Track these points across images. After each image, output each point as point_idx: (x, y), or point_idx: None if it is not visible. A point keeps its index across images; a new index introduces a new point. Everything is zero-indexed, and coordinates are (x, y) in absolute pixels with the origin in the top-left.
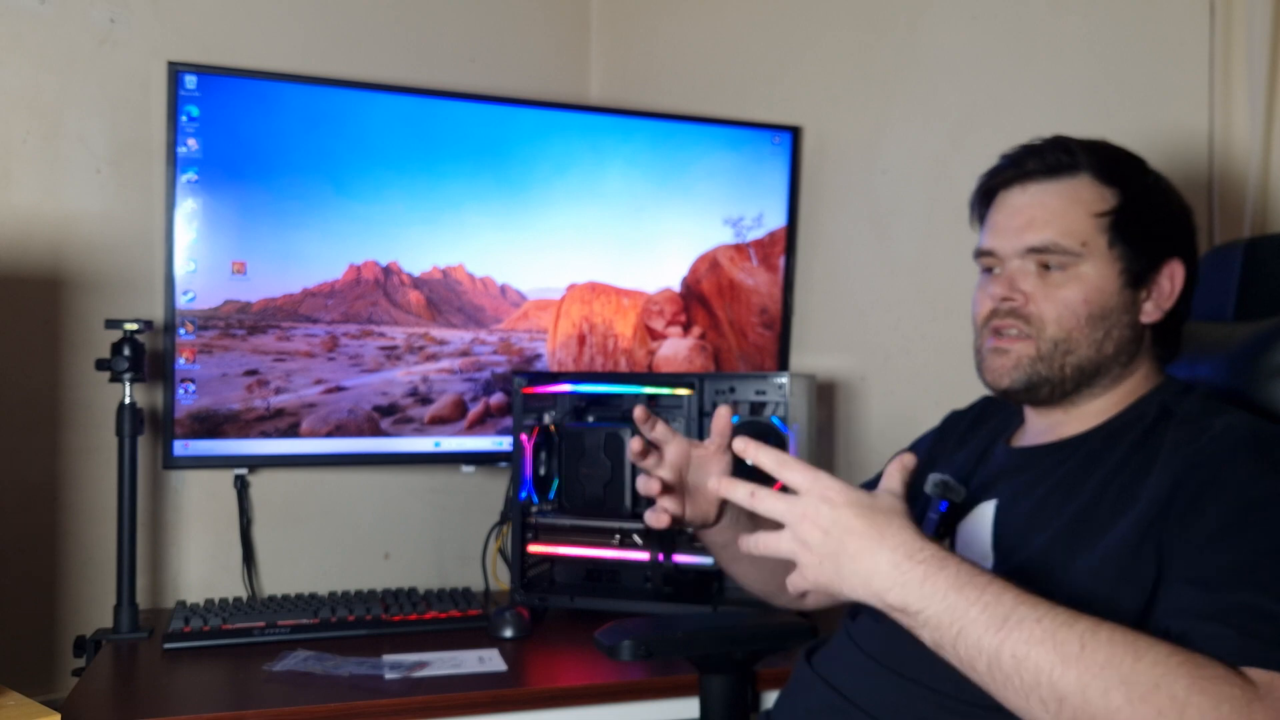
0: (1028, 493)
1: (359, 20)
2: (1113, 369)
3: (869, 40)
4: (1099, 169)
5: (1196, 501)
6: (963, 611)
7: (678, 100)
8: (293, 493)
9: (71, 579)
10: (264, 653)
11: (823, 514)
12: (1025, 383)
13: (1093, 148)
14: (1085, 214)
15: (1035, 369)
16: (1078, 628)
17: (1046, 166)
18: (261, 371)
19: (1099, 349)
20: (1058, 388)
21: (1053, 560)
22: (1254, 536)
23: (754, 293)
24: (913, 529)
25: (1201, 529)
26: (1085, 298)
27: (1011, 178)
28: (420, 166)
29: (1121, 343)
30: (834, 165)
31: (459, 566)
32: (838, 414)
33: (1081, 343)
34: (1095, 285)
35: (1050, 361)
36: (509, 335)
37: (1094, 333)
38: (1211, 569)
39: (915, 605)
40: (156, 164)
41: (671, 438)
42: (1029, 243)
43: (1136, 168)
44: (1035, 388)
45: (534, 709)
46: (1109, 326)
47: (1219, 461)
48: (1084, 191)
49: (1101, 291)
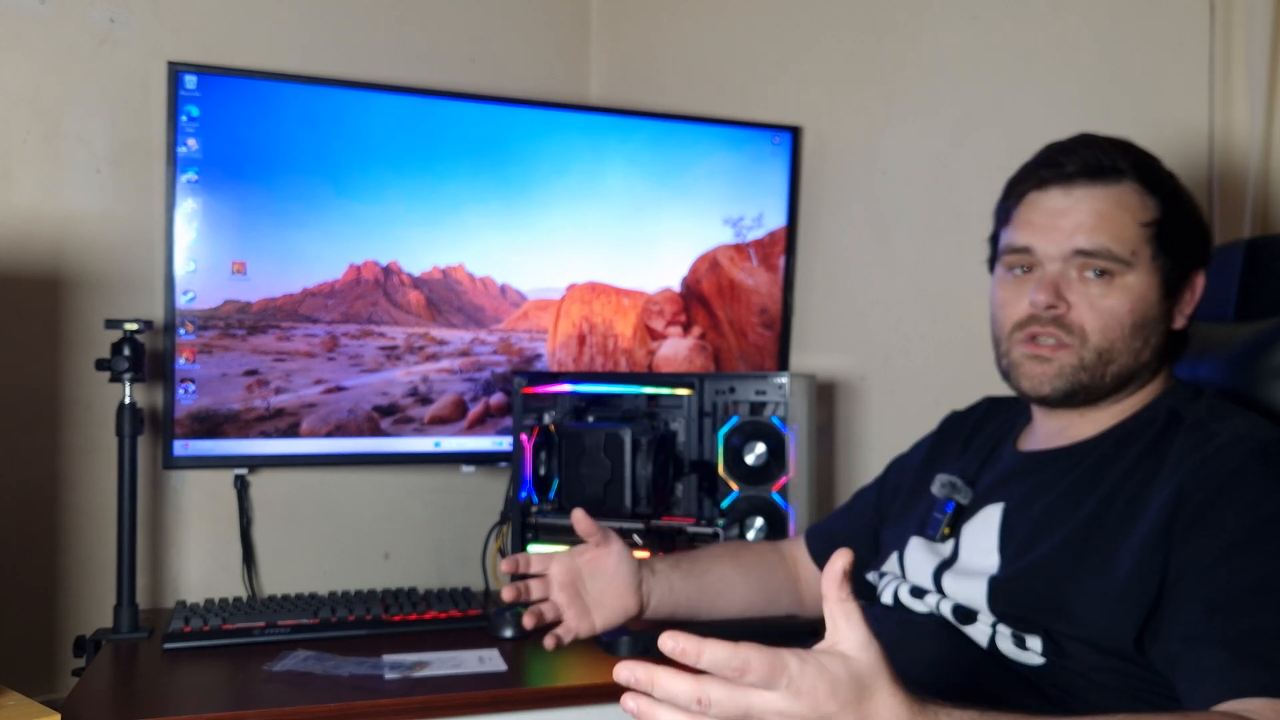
0: (1036, 498)
1: (359, 20)
2: (1144, 375)
3: (869, 40)
4: (1142, 176)
5: (1204, 517)
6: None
7: (678, 100)
8: (293, 493)
9: (71, 579)
10: (264, 653)
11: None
12: (1067, 391)
13: (1128, 150)
14: (1133, 222)
15: (1078, 378)
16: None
17: (1089, 169)
18: (261, 371)
19: (1137, 357)
20: (1095, 394)
21: (1059, 568)
22: (1266, 556)
23: (754, 293)
24: (899, 696)
25: (1212, 547)
26: (1130, 308)
27: (1050, 178)
28: (420, 166)
29: (1156, 350)
30: (834, 165)
31: (459, 566)
32: (837, 414)
33: (1123, 352)
34: (1140, 295)
35: (1093, 371)
36: (509, 335)
37: (1134, 342)
38: (1225, 591)
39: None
40: (156, 164)
41: (549, 564)
42: (1079, 245)
43: (1170, 175)
44: (1074, 395)
45: (534, 709)
46: (1148, 335)
47: (1226, 475)
48: (1130, 199)
49: (1145, 301)
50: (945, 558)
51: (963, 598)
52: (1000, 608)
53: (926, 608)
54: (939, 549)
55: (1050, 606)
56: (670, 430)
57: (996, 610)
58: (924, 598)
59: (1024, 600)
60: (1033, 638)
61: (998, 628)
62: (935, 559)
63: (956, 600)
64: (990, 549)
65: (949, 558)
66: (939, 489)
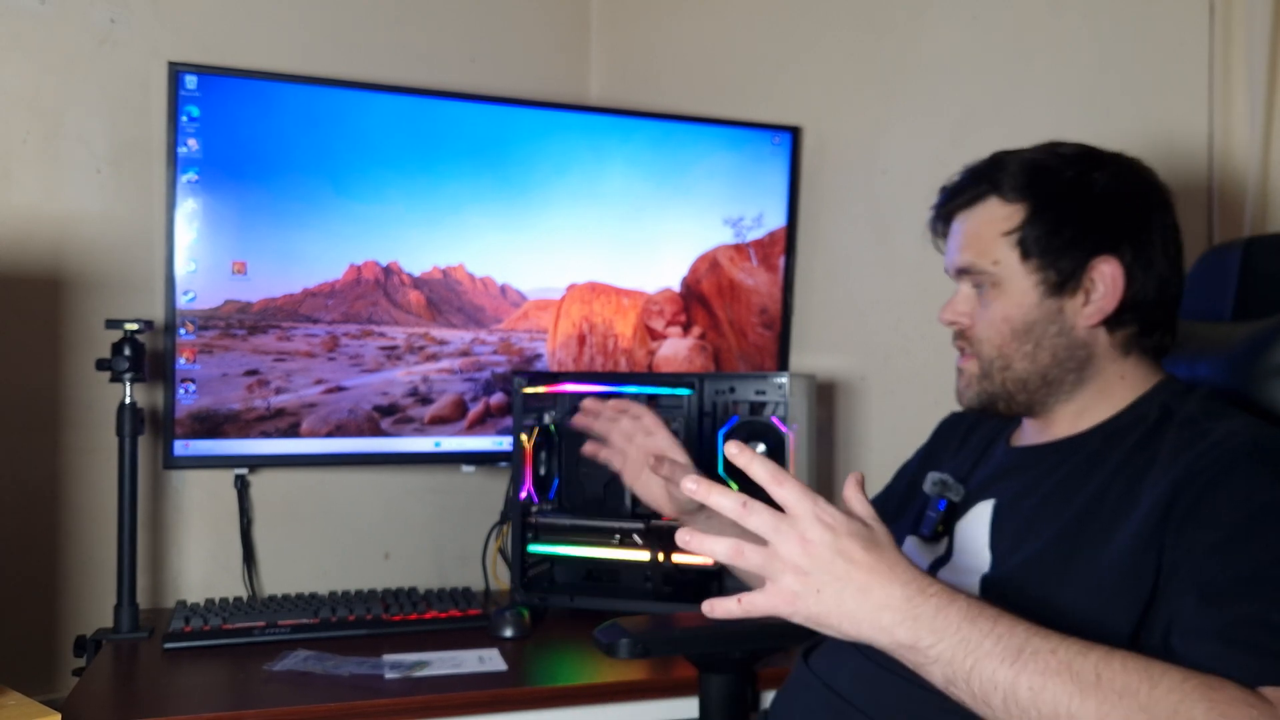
0: (1027, 493)
1: (359, 20)
2: (1064, 377)
3: (869, 40)
4: (1007, 186)
5: (1198, 511)
6: (976, 644)
7: (678, 100)
8: (293, 493)
9: (72, 579)
10: (264, 652)
11: (824, 540)
12: (978, 400)
13: (1005, 163)
14: (995, 234)
15: (982, 386)
16: (1091, 657)
17: (956, 196)
18: (262, 371)
19: (1033, 360)
20: (1008, 401)
21: (1049, 563)
22: (1260, 547)
23: (754, 293)
24: (913, 562)
25: (1205, 539)
26: (1005, 314)
27: (940, 214)
28: (420, 167)
29: (1059, 351)
30: (834, 165)
31: (459, 566)
32: (837, 414)
33: (1014, 357)
34: (1014, 301)
35: (992, 379)
36: (509, 335)
37: (1023, 346)
38: (1218, 582)
39: (927, 640)
40: (157, 164)
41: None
42: (955, 264)
43: (1053, 174)
44: (989, 404)
45: (534, 708)
46: (1037, 338)
47: (1220, 470)
48: (992, 211)
49: (1020, 306)
50: (939, 555)
51: None
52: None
53: None
54: (934, 547)
55: (1043, 603)
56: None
57: None
58: None
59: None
60: None
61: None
62: (930, 557)
63: None
64: (982, 546)
65: (943, 555)
66: (930, 487)
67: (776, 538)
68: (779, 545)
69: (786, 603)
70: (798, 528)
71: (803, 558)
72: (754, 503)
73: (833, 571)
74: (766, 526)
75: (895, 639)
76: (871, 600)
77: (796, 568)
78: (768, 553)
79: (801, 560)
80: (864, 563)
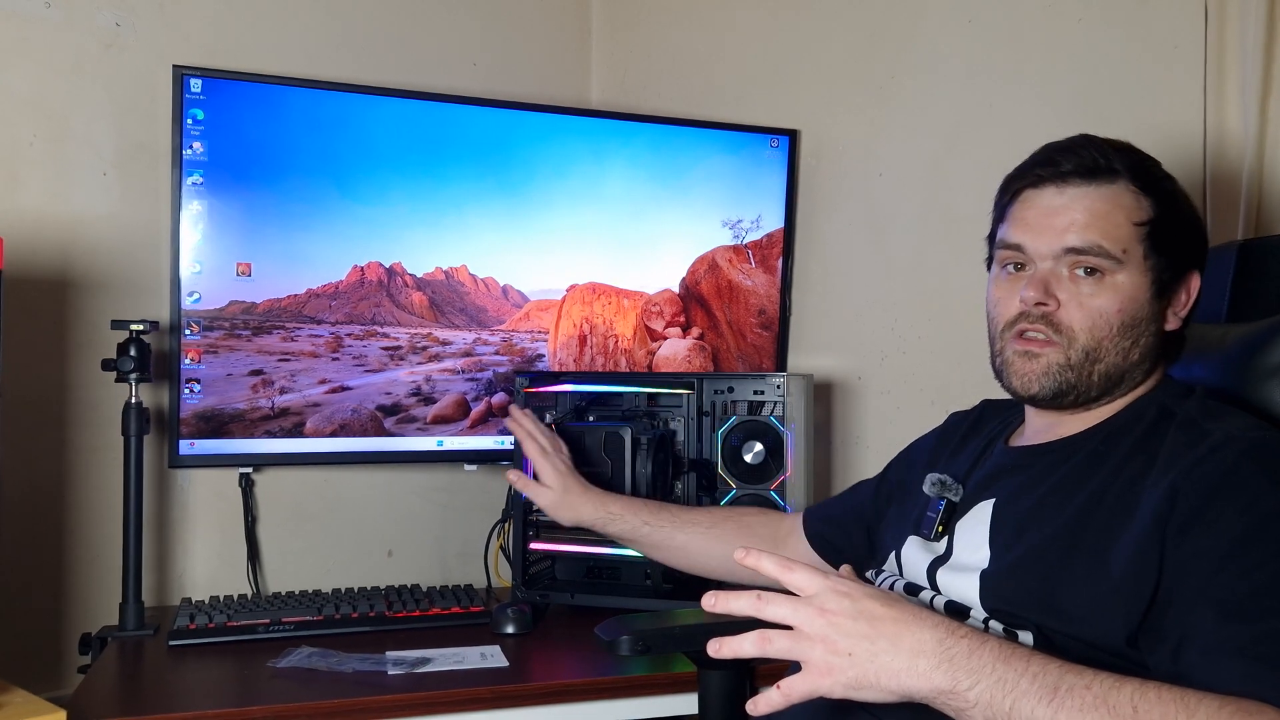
0: (1026, 491)
1: (362, 25)
2: (1135, 375)
3: (865, 45)
4: (1138, 177)
5: (1201, 517)
6: (1013, 684)
7: (677, 104)
8: (297, 491)
9: (78, 577)
10: (269, 649)
11: (843, 608)
12: (1054, 390)
13: (1125, 151)
14: (1126, 221)
15: (1064, 377)
16: (1126, 690)
17: (1084, 168)
18: (266, 371)
19: (1126, 357)
20: (1083, 394)
21: (1048, 562)
22: (1272, 557)
23: (752, 294)
24: (935, 610)
25: (1212, 548)
26: (1119, 307)
27: (1045, 176)
28: (423, 169)
29: (1146, 351)
30: (831, 168)
31: (461, 564)
32: (834, 413)
33: (1110, 351)
34: (1129, 295)
35: (1079, 370)
36: (511, 335)
37: (1123, 341)
38: (1235, 596)
39: (965, 682)
40: (162, 167)
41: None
42: (1070, 243)
43: (1167, 177)
44: (1062, 395)
45: (535, 704)
46: (1138, 335)
47: (1220, 473)
48: (1124, 198)
49: (1134, 301)
50: (939, 554)
51: (955, 594)
52: (991, 603)
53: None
54: (934, 546)
55: (1040, 602)
56: (670, 429)
57: (988, 606)
58: (919, 595)
59: (1014, 596)
60: (1024, 634)
61: (989, 624)
62: (929, 556)
63: (950, 596)
64: (981, 544)
65: (943, 554)
66: (929, 488)
67: (798, 618)
68: (802, 624)
69: (823, 675)
70: (815, 603)
71: (827, 628)
72: (767, 593)
73: (859, 633)
74: (785, 612)
75: (934, 684)
76: (904, 648)
77: (824, 639)
78: (794, 635)
79: (827, 631)
80: (887, 615)
